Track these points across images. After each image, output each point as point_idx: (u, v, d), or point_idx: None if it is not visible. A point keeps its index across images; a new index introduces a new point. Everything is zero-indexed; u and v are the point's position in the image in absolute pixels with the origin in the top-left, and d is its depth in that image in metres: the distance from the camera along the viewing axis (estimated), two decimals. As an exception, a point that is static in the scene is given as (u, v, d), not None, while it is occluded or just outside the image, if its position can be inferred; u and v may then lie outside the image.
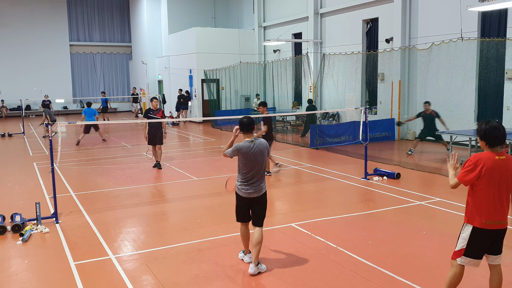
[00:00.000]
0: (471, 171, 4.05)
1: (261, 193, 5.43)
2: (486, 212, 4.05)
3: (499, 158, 4.02)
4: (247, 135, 5.44)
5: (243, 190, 5.40)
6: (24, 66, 32.38)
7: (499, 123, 4.10)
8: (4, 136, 20.01)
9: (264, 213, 5.53)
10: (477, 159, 4.05)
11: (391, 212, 7.73)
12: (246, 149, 5.31)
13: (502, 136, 4.03)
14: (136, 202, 8.81)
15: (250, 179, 5.37)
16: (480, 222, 4.07)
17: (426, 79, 15.52)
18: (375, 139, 15.32)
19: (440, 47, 14.40)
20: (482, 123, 4.13)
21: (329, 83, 19.43)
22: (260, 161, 5.38)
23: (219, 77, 24.35)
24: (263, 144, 5.47)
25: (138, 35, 32.43)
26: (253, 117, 5.64)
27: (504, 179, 4.04)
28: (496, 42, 13.16)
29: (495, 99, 13.72)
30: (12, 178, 11.16)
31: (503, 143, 4.08)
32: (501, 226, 4.10)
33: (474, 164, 4.04)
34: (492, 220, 4.05)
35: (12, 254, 6.17)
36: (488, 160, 4.02)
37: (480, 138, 4.12)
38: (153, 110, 11.70)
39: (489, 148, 4.09)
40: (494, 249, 4.17)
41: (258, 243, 5.35)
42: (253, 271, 5.32)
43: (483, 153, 4.10)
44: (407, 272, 5.30)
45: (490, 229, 4.07)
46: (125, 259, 5.92)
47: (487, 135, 4.05)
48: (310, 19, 20.68)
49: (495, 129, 4.03)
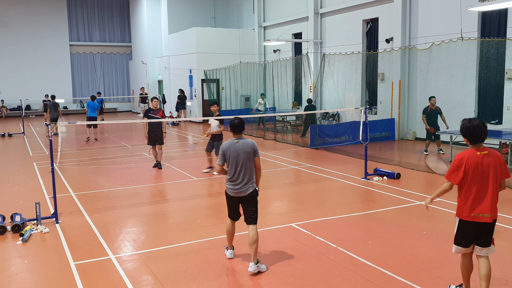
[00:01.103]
0: (457, 169, 4.32)
1: (247, 192, 5.42)
2: (471, 206, 4.30)
3: (480, 154, 4.27)
4: (236, 135, 5.54)
5: (230, 189, 5.47)
6: (24, 66, 32.38)
7: (480, 122, 4.30)
8: (4, 136, 20.01)
9: (254, 211, 5.50)
10: (460, 158, 4.32)
11: (391, 212, 7.73)
12: (228, 146, 5.44)
13: (483, 134, 4.27)
14: (136, 202, 8.81)
15: (236, 178, 5.41)
16: (466, 215, 4.35)
17: (426, 79, 15.52)
18: (375, 139, 15.32)
19: (440, 47, 14.40)
20: (465, 121, 4.37)
21: (329, 83, 19.43)
22: (244, 159, 5.38)
23: (219, 77, 24.36)
24: (249, 143, 5.48)
25: (138, 35, 32.42)
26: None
27: (486, 173, 4.26)
28: (496, 42, 13.16)
29: (495, 99, 13.72)
30: (12, 178, 11.16)
31: (483, 140, 4.31)
32: (485, 219, 4.29)
33: (459, 162, 4.31)
34: (478, 213, 4.29)
35: (12, 254, 6.17)
36: (470, 157, 4.27)
37: (463, 135, 4.39)
38: (154, 110, 11.72)
39: (471, 145, 4.34)
40: (481, 241, 4.39)
41: (254, 242, 5.36)
42: (253, 269, 5.32)
43: (466, 151, 4.35)
44: (407, 272, 5.30)
45: (475, 221, 4.31)
46: (125, 259, 5.92)
47: (468, 133, 4.31)
48: (310, 19, 20.68)
49: (476, 128, 4.26)
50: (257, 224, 5.52)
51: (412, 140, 15.99)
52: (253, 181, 5.49)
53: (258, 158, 5.51)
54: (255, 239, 5.37)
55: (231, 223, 5.69)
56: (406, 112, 16.35)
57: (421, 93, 15.74)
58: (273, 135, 17.96)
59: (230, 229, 5.70)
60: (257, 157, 5.50)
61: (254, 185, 5.49)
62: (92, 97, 18.25)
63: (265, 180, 10.68)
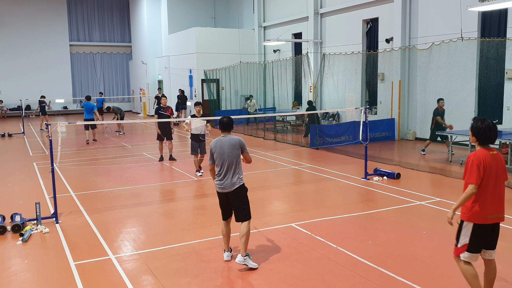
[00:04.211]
0: (477, 171, 4.11)
1: (233, 188, 5.50)
2: (486, 207, 4.16)
3: (492, 154, 4.19)
4: (223, 133, 5.69)
5: (218, 185, 5.60)
6: (24, 66, 32.39)
7: (494, 124, 4.21)
8: (4, 136, 20.01)
9: (242, 208, 5.55)
10: (477, 158, 4.14)
11: (391, 212, 7.73)
12: (215, 143, 5.61)
13: (495, 136, 4.19)
14: (136, 202, 8.81)
15: (222, 174, 5.55)
16: (481, 218, 4.17)
17: (426, 79, 15.52)
18: (375, 139, 15.32)
19: (440, 47, 14.40)
20: (477, 120, 4.22)
21: (329, 83, 19.43)
22: (229, 154, 5.51)
23: (219, 77, 24.35)
24: (235, 139, 5.61)
25: (138, 35, 32.42)
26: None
27: (500, 173, 4.21)
28: (496, 42, 13.16)
29: (495, 99, 13.72)
30: (12, 178, 11.16)
31: (493, 142, 4.23)
32: (500, 219, 4.24)
33: (478, 165, 4.12)
34: (492, 214, 4.18)
35: (12, 254, 6.17)
36: (486, 157, 4.15)
37: (473, 134, 4.24)
38: (163, 108, 12.70)
39: (479, 145, 4.23)
40: (491, 243, 4.29)
41: (243, 235, 5.47)
42: (238, 261, 5.50)
43: (479, 151, 4.20)
44: (407, 272, 5.30)
45: (490, 223, 4.19)
46: (125, 259, 5.92)
47: (481, 134, 4.17)
48: (310, 19, 20.68)
49: (490, 129, 4.15)
50: (249, 220, 5.59)
51: (412, 140, 15.99)
52: (240, 177, 5.58)
53: (247, 153, 5.68)
54: (244, 232, 5.48)
55: (225, 224, 5.72)
56: (406, 112, 16.35)
57: (421, 93, 15.74)
58: (273, 135, 17.97)
59: (225, 230, 5.71)
60: (246, 152, 5.67)
61: (241, 181, 5.57)
62: (87, 97, 17.40)
63: (265, 180, 10.68)
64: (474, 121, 4.27)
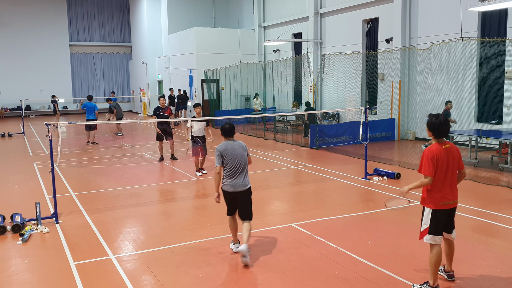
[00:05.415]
0: (431, 164, 4.65)
1: (246, 187, 5.84)
2: (441, 195, 4.72)
3: (445, 147, 4.73)
4: (227, 139, 5.96)
5: (229, 184, 5.79)
6: (24, 66, 32.38)
7: (446, 119, 4.76)
8: (4, 136, 20.01)
9: (250, 207, 5.94)
10: (431, 153, 4.68)
11: (391, 212, 7.73)
12: (225, 146, 5.83)
13: (447, 130, 4.75)
14: (136, 202, 8.81)
15: (234, 174, 5.78)
16: (437, 204, 4.73)
17: (426, 79, 15.52)
18: (375, 139, 15.32)
19: (440, 47, 14.41)
20: (432, 116, 4.78)
21: (329, 83, 19.43)
22: (241, 155, 5.85)
23: (219, 77, 24.35)
24: (242, 144, 6.02)
25: (138, 35, 32.42)
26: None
27: (451, 164, 4.74)
28: (496, 42, 13.16)
29: (495, 99, 13.72)
30: (12, 178, 11.16)
31: (447, 135, 4.81)
32: (454, 205, 4.83)
33: (432, 158, 4.66)
34: (446, 201, 4.74)
35: (12, 254, 6.17)
36: (439, 151, 4.69)
37: (429, 129, 4.80)
38: (162, 108, 12.78)
39: (435, 139, 4.77)
40: (450, 226, 4.90)
41: (247, 230, 5.81)
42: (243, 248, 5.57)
43: (433, 146, 4.74)
44: (407, 272, 5.31)
45: (446, 208, 4.75)
46: (125, 259, 5.92)
47: (436, 128, 4.73)
48: (310, 19, 20.68)
49: (442, 124, 4.71)
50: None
51: (412, 140, 15.99)
52: (248, 177, 5.95)
53: (249, 156, 6.07)
54: (248, 228, 5.82)
55: (231, 218, 6.02)
56: (406, 112, 16.35)
57: (421, 93, 15.74)
58: (273, 135, 17.97)
59: (232, 223, 6.03)
60: (249, 155, 6.07)
61: (249, 181, 5.95)
62: (89, 97, 17.23)
63: (265, 180, 10.68)
64: (429, 117, 4.82)
